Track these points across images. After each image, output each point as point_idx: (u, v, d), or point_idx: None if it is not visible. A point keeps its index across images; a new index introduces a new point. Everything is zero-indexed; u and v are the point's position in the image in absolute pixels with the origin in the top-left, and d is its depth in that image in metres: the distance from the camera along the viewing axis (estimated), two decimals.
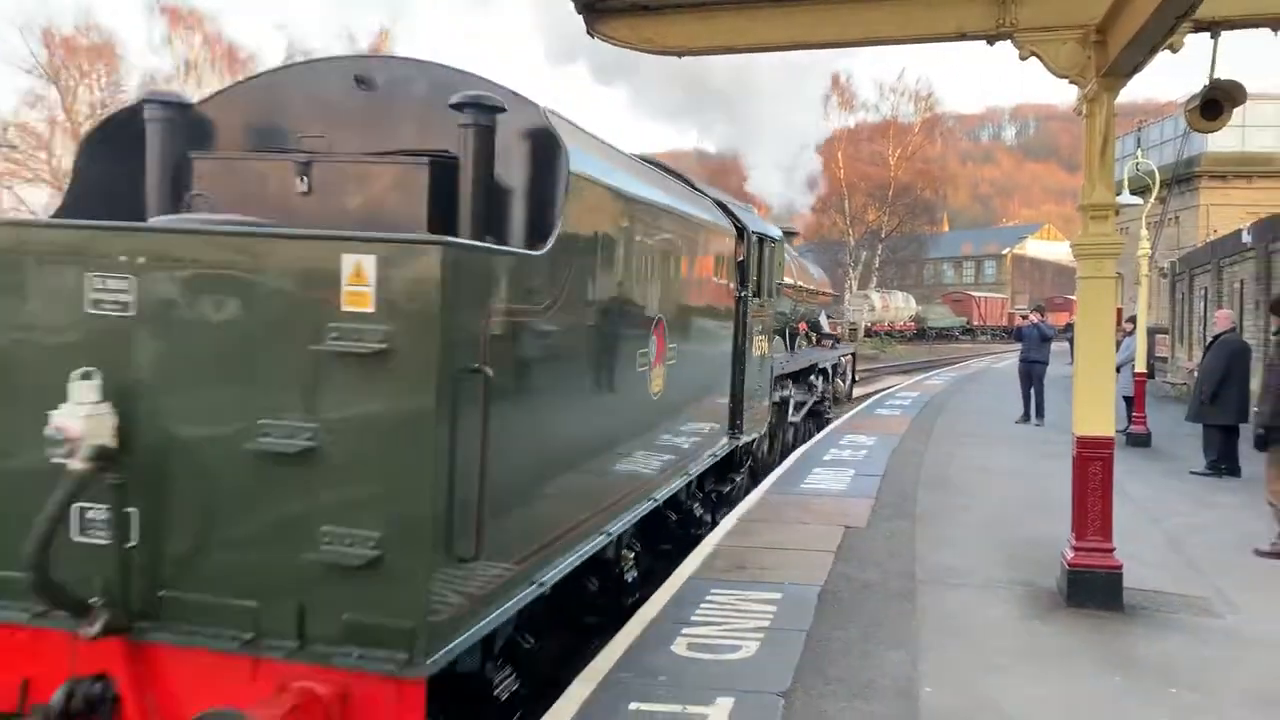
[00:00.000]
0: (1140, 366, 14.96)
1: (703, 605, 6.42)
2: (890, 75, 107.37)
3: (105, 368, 3.72)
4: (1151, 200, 16.94)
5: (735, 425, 9.82)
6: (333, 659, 3.67)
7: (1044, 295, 76.52)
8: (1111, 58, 6.08)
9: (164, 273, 3.82)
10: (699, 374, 8.36)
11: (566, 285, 4.95)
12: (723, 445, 9.40)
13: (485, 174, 4.82)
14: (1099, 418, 6.50)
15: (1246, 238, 18.83)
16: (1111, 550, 6.53)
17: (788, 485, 10.92)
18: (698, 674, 5.23)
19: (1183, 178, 31.97)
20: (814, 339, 16.91)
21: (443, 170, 4.88)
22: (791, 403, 14.08)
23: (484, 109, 4.73)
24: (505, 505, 4.25)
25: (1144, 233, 16.26)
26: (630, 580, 6.88)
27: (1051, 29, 6.48)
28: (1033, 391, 17.13)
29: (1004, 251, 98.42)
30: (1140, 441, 14.42)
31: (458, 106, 4.71)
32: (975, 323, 69.35)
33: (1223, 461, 11.87)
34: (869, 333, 48.85)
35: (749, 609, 6.35)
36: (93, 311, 3.83)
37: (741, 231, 9.85)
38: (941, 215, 75.29)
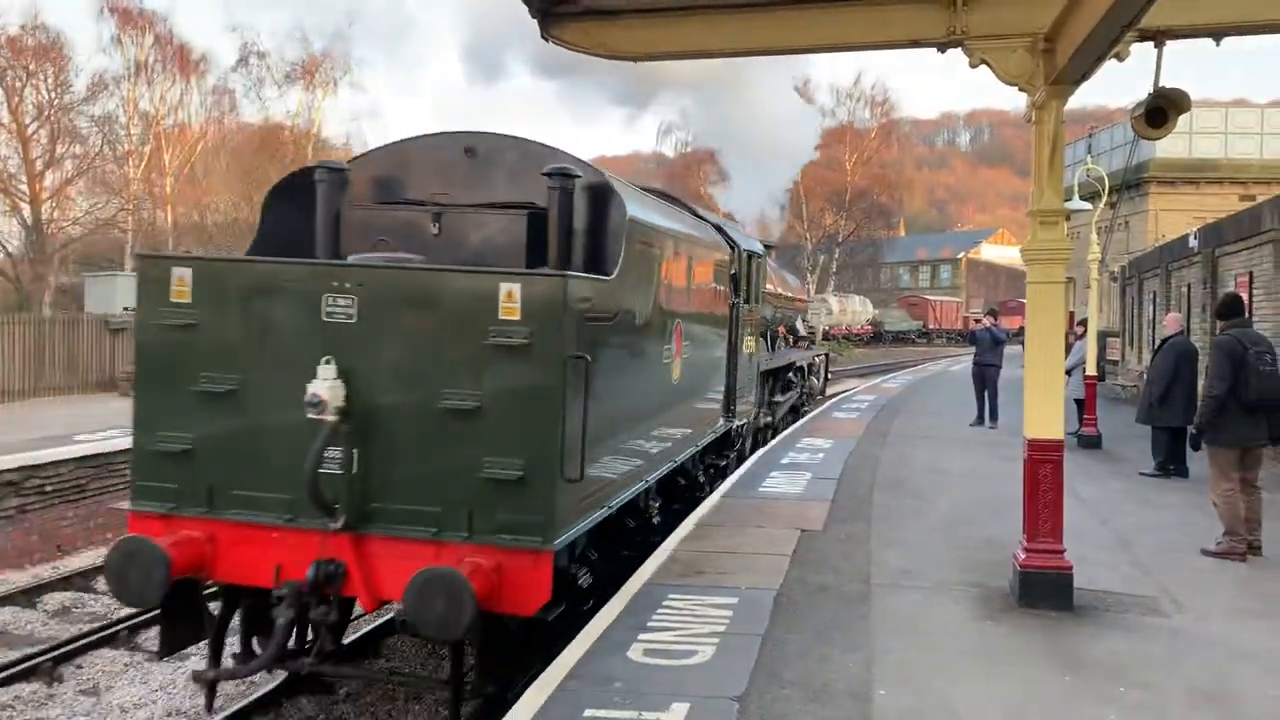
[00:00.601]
0: (1091, 369, 15.18)
1: (659, 610, 6.42)
2: (847, 80, 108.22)
3: (337, 356, 5.57)
4: (1101, 205, 17.22)
5: (729, 410, 11.75)
6: (493, 542, 5.52)
7: (998, 299, 77.51)
8: (1059, 66, 6.17)
9: (375, 293, 5.69)
10: (703, 367, 10.22)
11: (624, 298, 6.88)
12: (720, 426, 11.36)
13: (566, 222, 6.78)
14: (1048, 421, 6.58)
15: (1193, 242, 19.17)
16: (1062, 551, 6.62)
17: (745, 489, 10.96)
18: (653, 680, 5.23)
19: (1132, 183, 32.56)
20: (791, 340, 18.51)
21: (535, 219, 6.83)
22: (773, 394, 16.51)
23: (566, 177, 6.73)
24: (593, 448, 6.02)
25: (1094, 237, 16.52)
26: (655, 523, 8.73)
27: (1001, 37, 6.57)
28: (986, 394, 17.32)
29: (959, 256, 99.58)
30: (1091, 443, 14.64)
31: (548, 174, 6.70)
32: (931, 326, 70.11)
33: (1171, 462, 12.08)
34: (827, 336, 49.15)
35: (705, 614, 6.36)
36: (327, 320, 5.69)
37: (734, 248, 11.80)
38: (898, 220, 76.10)
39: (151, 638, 8.76)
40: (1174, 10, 6.52)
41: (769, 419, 16.14)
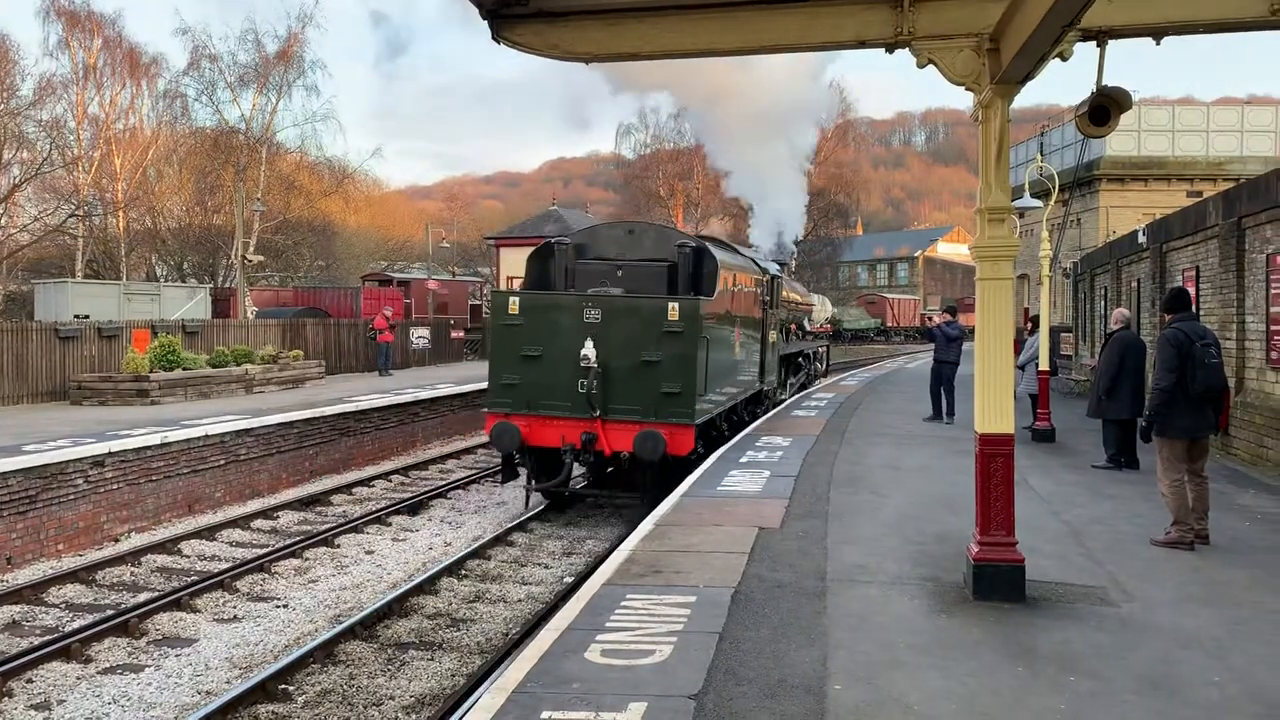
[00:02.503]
0: (1044, 364, 15.38)
1: (617, 611, 6.43)
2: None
3: (592, 337, 12.63)
4: (1052, 203, 17.46)
5: (762, 378, 18.73)
6: (666, 421, 12.61)
7: (955, 296, 78.32)
8: (1004, 65, 6.25)
9: (608, 308, 12.83)
10: (749, 349, 17.00)
11: (716, 308, 13.68)
12: (756, 386, 18.18)
13: (686, 269, 14.06)
14: (999, 415, 6.67)
15: (1142, 238, 19.49)
16: (1014, 544, 6.71)
17: (704, 488, 11.00)
18: (611, 680, 5.23)
19: (1084, 180, 33.07)
20: (800, 334, 25.83)
21: (671, 267, 14.06)
22: (788, 373, 24.02)
23: (685, 246, 14.27)
24: (708, 383, 13.26)
25: (1045, 234, 16.75)
26: (725, 431, 15.40)
27: (948, 37, 6.64)
28: (941, 391, 17.51)
29: (916, 254, 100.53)
30: (1045, 437, 14.85)
31: (679, 245, 14.27)
32: (889, 324, 70.71)
33: (1122, 455, 12.28)
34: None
35: (663, 613, 6.37)
36: (585, 321, 12.74)
37: (765, 272, 19.06)
38: (855, 219, 76.60)
39: (104, 649, 9.02)
40: (1115, 10, 6.64)
41: (784, 387, 23.16)
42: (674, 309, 12.56)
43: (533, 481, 13.91)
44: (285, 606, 10.36)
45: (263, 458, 16.26)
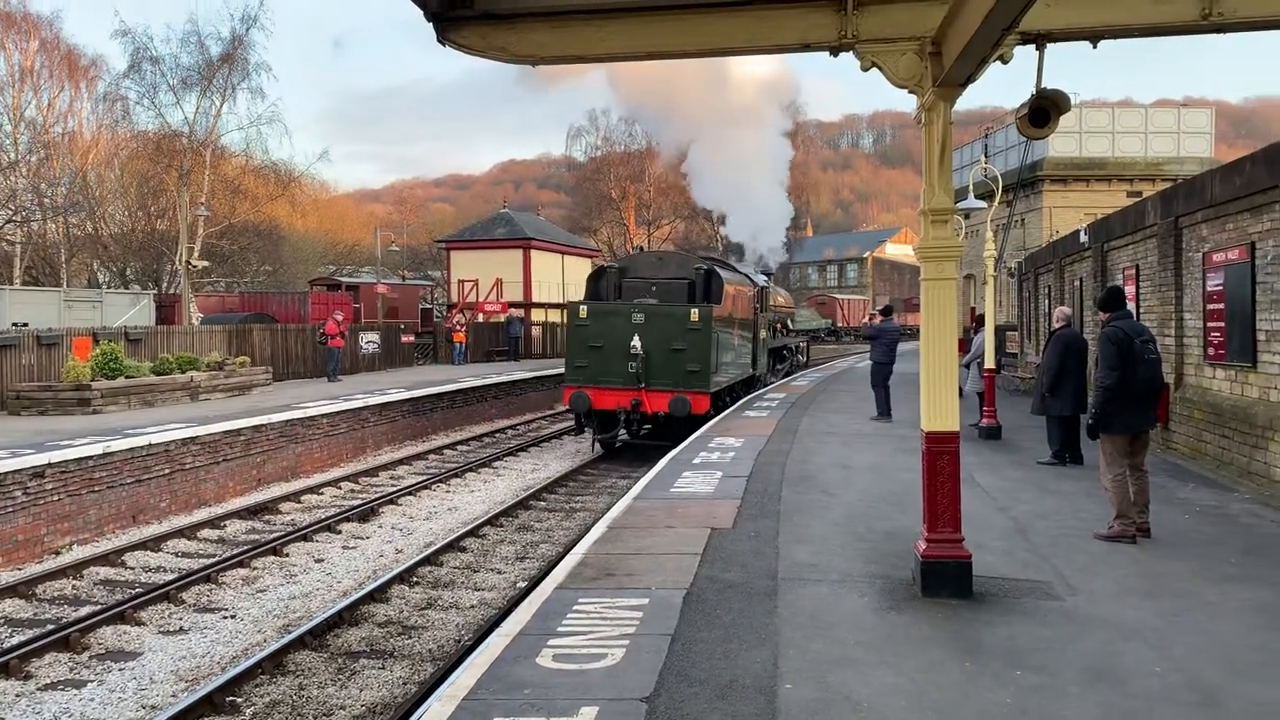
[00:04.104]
0: (989, 363, 15.61)
1: (570, 615, 6.41)
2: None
3: (638, 333, 18.77)
4: (995, 204, 17.72)
5: (754, 365, 24.38)
6: (689, 390, 18.68)
7: (904, 295, 79.16)
8: (946, 68, 6.32)
9: (650, 313, 19.06)
10: (746, 342, 23.19)
11: (723, 312, 20.30)
12: (749, 372, 23.74)
13: (700, 284, 20.51)
14: (944, 413, 6.75)
15: (1084, 238, 19.86)
16: (961, 540, 6.80)
17: (657, 490, 11.01)
18: (563, 685, 5.22)
19: (1027, 181, 33.62)
20: (784, 332, 32.27)
21: (690, 284, 20.62)
22: (775, 363, 30.33)
23: (702, 269, 20.82)
24: (717, 366, 19.69)
25: (989, 234, 17.00)
26: (729, 401, 21.62)
27: (891, 40, 6.71)
28: (883, 389, 17.87)
29: (865, 255, 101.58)
30: (991, 434, 15.07)
31: (697, 267, 21.05)
32: (840, 324, 71.37)
33: (1066, 450, 12.50)
34: None
35: (616, 616, 6.37)
36: (634, 322, 18.88)
37: (755, 284, 25.15)
38: (805, 221, 77.23)
39: (44, 665, 8.82)
40: (1053, 14, 6.75)
41: (772, 372, 29.23)
42: (694, 313, 18.92)
43: (595, 437, 20.28)
44: (233, 617, 10.20)
45: (209, 466, 15.99)
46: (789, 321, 33.34)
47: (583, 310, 19.54)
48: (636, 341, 18.58)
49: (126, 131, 44.71)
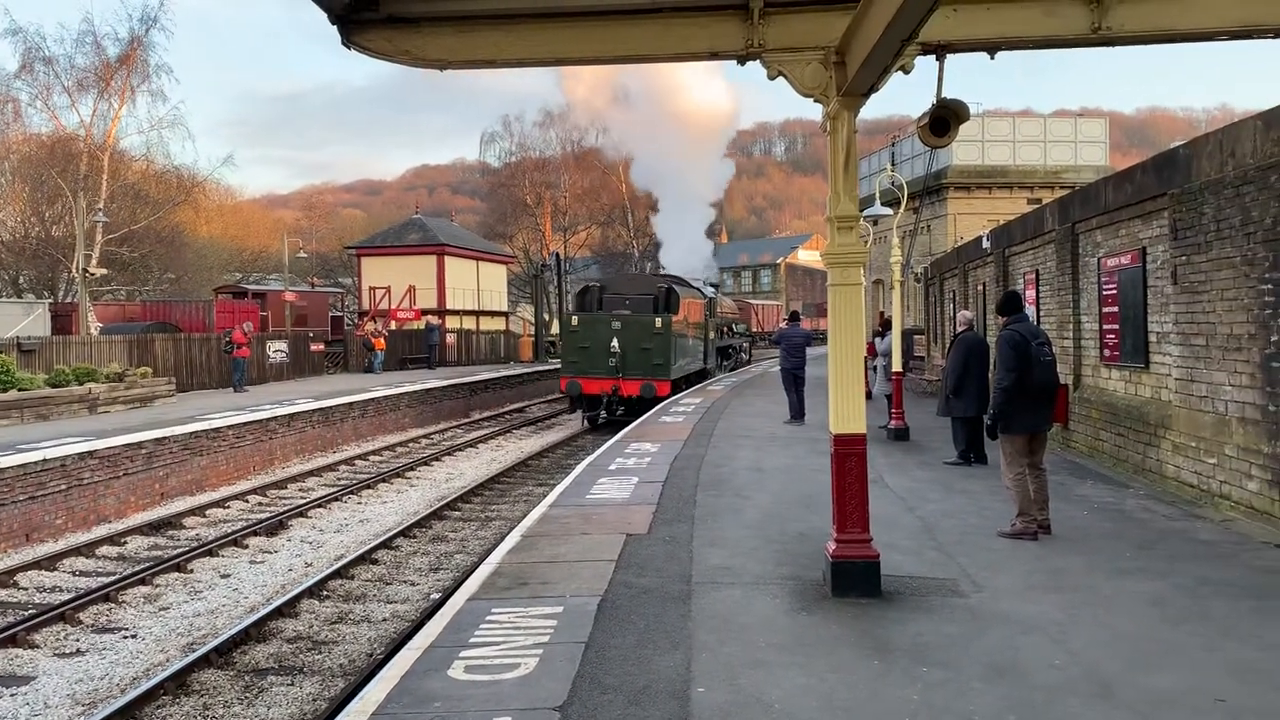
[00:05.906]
0: (897, 365, 15.93)
1: (482, 626, 6.34)
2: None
3: (616, 336, 25.19)
4: (902, 210, 18.12)
5: (705, 361, 31.92)
6: (654, 378, 25.12)
7: (815, 301, 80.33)
8: (850, 78, 6.44)
9: (626, 321, 25.69)
10: (699, 342, 31.16)
11: (680, 319, 27.14)
12: (701, 365, 31.27)
13: (663, 298, 27.49)
14: (851, 416, 6.87)
15: (986, 244, 20.39)
16: (869, 540, 6.92)
17: (573, 497, 10.98)
18: (475, 696, 5.16)
19: (932, 189, 34.46)
20: (730, 334, 39.68)
21: (655, 297, 27.61)
22: (723, 359, 37.07)
23: (664, 286, 28.31)
24: (676, 361, 26.20)
25: (895, 240, 17.37)
26: (684, 387, 27.84)
27: (796, 50, 6.82)
28: (795, 391, 18.18)
29: (778, 261, 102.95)
30: (900, 436, 15.37)
31: (660, 283, 29.25)
32: (754, 329, 72.07)
33: (971, 451, 12.82)
34: None
35: (530, 625, 6.33)
36: (613, 328, 25.37)
37: (705, 295, 33.24)
38: (720, 227, 77.92)
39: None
40: (952, 25, 6.93)
41: (719, 368, 35.56)
42: (658, 321, 25.24)
43: (585, 414, 26.63)
44: (134, 637, 9.86)
45: (109, 481, 15.45)
46: (735, 325, 43.20)
47: (574, 319, 26.08)
48: (615, 342, 24.84)
49: (19, 134, 43.03)
